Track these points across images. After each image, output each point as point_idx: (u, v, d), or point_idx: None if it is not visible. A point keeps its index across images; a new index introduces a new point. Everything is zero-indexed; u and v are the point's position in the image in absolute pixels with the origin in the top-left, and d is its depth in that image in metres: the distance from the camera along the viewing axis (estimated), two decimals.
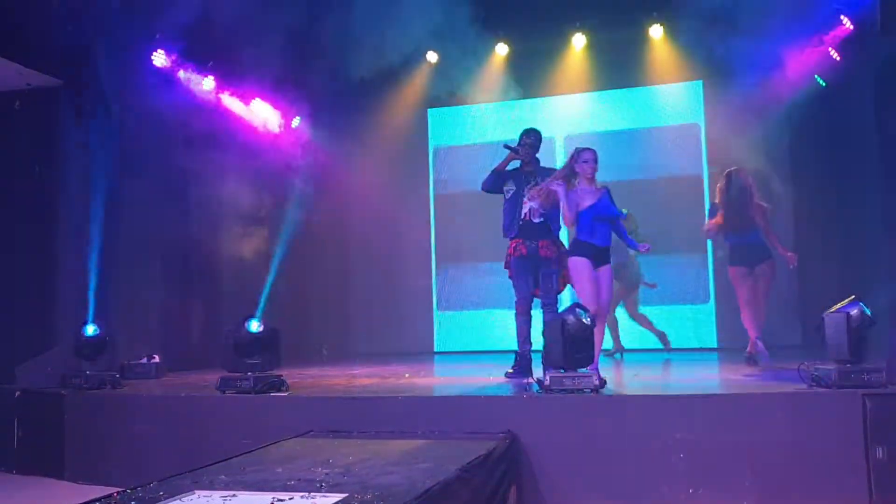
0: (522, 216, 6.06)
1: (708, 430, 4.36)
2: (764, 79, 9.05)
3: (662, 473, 4.35)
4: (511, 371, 6.10)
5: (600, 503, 4.39)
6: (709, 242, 9.54)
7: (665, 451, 4.36)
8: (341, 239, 10.86)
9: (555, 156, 10.15)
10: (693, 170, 9.95)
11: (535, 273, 6.05)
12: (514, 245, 6.09)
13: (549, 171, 6.24)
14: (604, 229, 5.42)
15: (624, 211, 6.09)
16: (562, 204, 5.36)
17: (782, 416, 4.31)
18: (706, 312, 9.79)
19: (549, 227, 6.04)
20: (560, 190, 5.35)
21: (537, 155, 6.30)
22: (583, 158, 5.46)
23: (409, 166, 10.87)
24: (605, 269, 5.39)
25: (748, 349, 6.72)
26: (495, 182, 6.27)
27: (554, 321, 4.85)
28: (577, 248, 5.41)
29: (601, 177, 5.54)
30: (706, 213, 9.59)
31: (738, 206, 6.63)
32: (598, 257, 5.37)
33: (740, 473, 4.26)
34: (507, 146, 6.23)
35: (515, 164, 6.34)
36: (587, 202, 5.37)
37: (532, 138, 6.20)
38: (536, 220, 6.03)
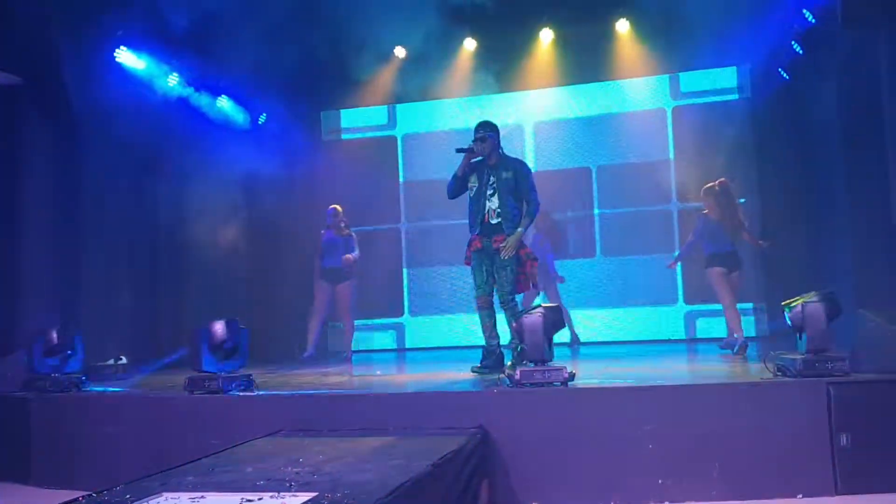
0: (484, 216, 6.04)
1: (676, 420, 4.40)
2: (728, 73, 9.17)
3: (633, 465, 4.38)
4: (479, 367, 6.05)
5: (572, 495, 4.42)
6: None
7: (635, 442, 4.39)
8: (313, 235, 10.78)
9: (525, 143, 10.20)
10: (661, 156, 10.00)
11: (489, 266, 6.05)
12: (472, 242, 6.10)
13: (515, 162, 6.20)
14: None
15: None
16: None
17: (749, 406, 4.37)
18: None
19: (503, 227, 6.01)
20: None
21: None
22: None
23: (379, 163, 10.82)
24: None
25: (740, 343, 6.99)
26: (458, 187, 6.17)
27: (527, 315, 4.86)
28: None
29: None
30: (672, 201, 9.75)
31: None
32: None
33: (708, 463, 4.31)
34: (459, 150, 6.05)
35: (479, 159, 6.13)
36: None
37: (483, 132, 6.01)
38: (494, 221, 6.02)
